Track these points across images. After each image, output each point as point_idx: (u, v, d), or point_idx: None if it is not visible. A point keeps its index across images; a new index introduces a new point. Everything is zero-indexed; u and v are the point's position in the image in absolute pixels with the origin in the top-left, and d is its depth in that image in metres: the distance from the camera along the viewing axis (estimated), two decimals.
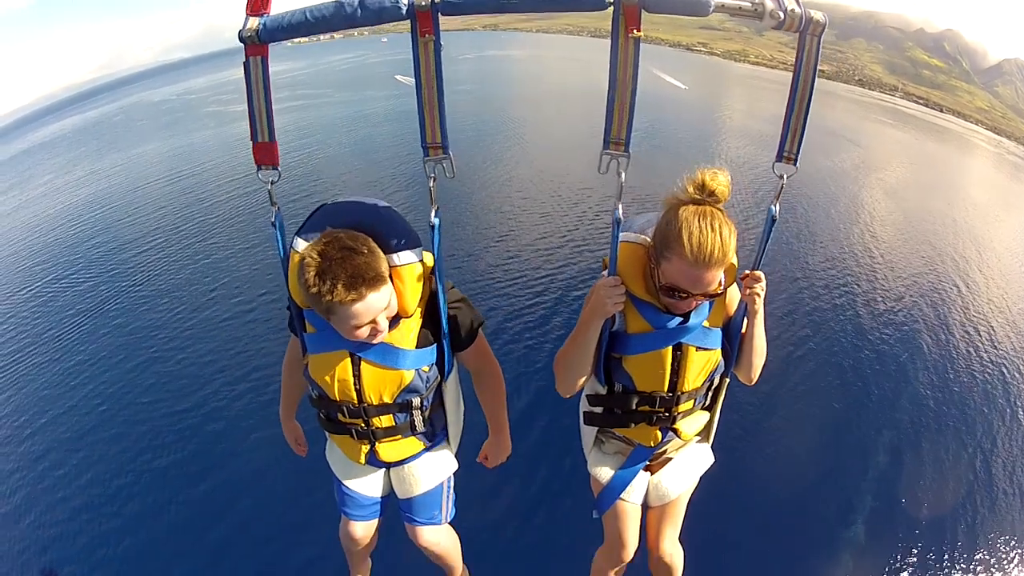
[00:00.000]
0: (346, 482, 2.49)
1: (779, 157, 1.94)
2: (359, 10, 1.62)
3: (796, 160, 1.92)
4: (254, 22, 1.73)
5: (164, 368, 8.72)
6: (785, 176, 1.95)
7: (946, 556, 6.04)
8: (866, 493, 6.74)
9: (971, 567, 5.97)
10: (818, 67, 1.80)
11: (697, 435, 2.46)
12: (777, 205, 1.98)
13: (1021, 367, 9.33)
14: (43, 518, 6.49)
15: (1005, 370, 9.13)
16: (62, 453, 7.32)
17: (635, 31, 1.62)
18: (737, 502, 6.30)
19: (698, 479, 2.56)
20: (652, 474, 2.50)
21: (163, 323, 9.93)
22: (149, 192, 18.18)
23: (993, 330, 10.41)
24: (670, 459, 2.50)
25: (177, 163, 21.35)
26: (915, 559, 5.98)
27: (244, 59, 1.77)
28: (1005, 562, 6.06)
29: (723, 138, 22.70)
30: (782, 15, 1.70)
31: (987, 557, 6.08)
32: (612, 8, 1.61)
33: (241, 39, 1.74)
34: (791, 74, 1.86)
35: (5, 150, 37.83)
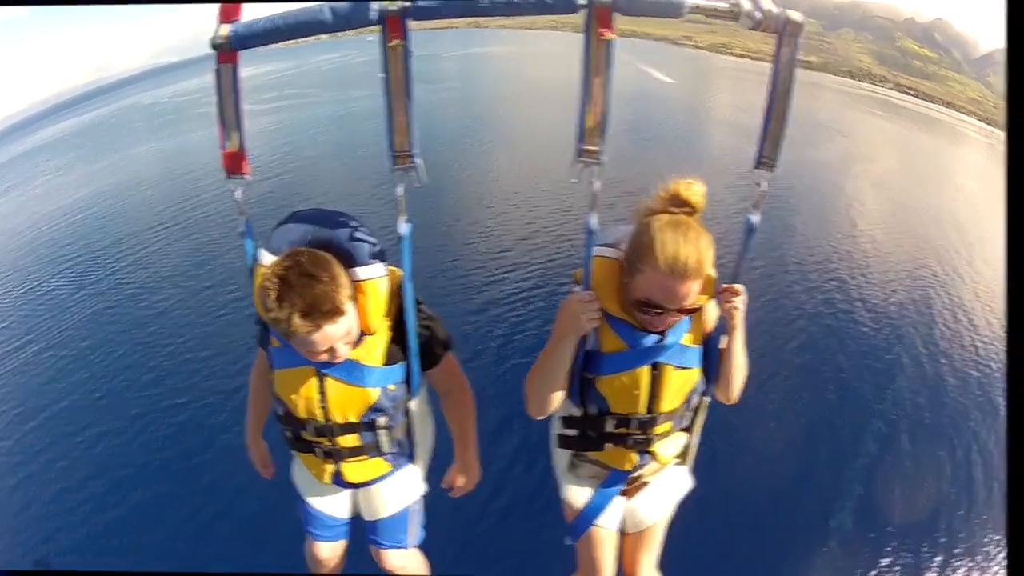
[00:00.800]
0: (311, 501, 2.47)
1: (757, 163, 1.86)
2: (330, 16, 1.61)
3: (774, 166, 1.85)
4: (226, 29, 1.72)
5: (164, 362, 8.76)
6: (764, 183, 1.87)
7: (940, 543, 6.05)
8: (854, 481, 6.76)
9: (962, 556, 5.98)
10: (796, 69, 1.73)
11: (675, 458, 2.37)
12: (756, 214, 1.90)
13: None
14: (44, 510, 6.49)
15: (996, 363, 9.13)
16: (63, 446, 7.33)
17: (607, 33, 1.59)
18: (725, 490, 6.30)
19: (675, 504, 2.48)
20: (628, 499, 2.41)
21: (161, 317, 10.02)
22: (146, 190, 18.05)
23: (988, 323, 10.42)
24: (646, 483, 2.42)
25: (171, 162, 21.15)
26: (907, 548, 5.97)
27: (215, 66, 1.76)
28: (996, 551, 6.06)
29: (712, 131, 22.61)
30: (759, 15, 1.67)
31: (979, 547, 6.09)
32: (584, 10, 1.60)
33: (213, 46, 1.73)
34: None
35: (3, 152, 37.58)
